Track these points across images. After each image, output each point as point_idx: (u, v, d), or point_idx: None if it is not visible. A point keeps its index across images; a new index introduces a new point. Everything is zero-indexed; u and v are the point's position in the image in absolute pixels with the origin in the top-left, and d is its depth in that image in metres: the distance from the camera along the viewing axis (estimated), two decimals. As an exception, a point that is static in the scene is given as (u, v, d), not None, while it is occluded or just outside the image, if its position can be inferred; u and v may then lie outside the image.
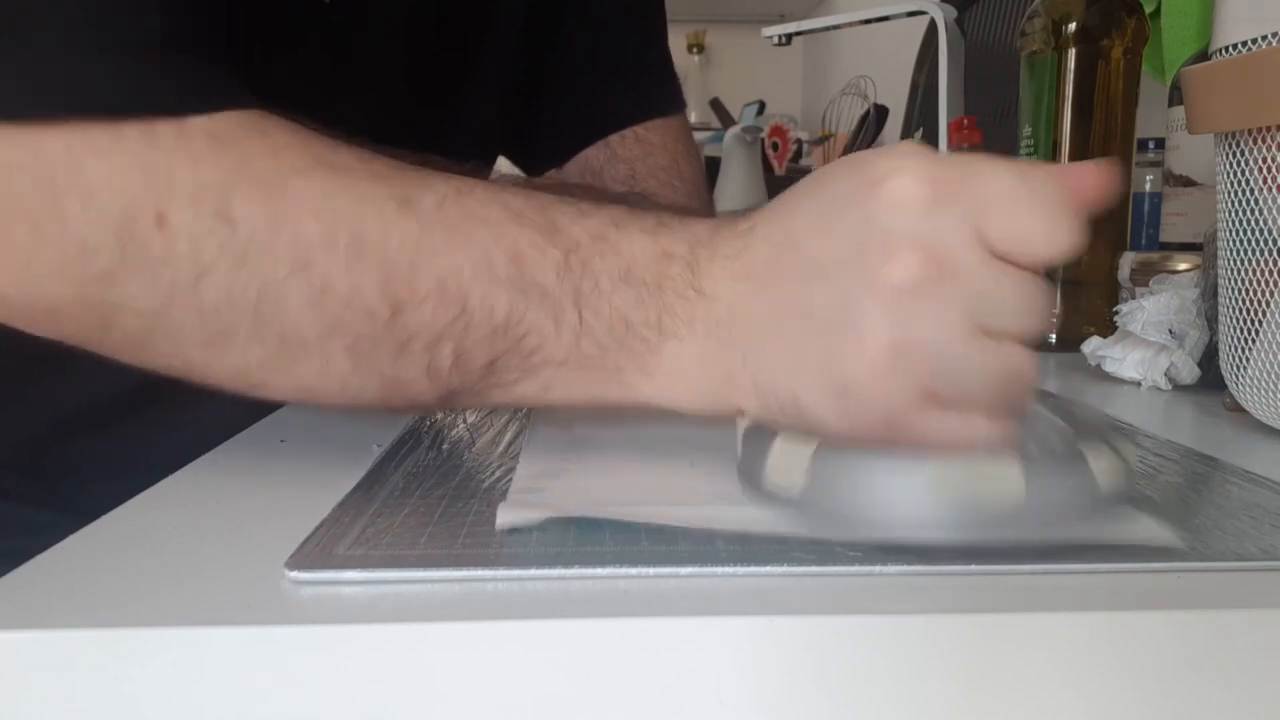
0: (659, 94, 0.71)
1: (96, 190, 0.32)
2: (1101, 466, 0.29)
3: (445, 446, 0.39)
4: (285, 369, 0.34)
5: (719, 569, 0.26)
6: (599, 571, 0.26)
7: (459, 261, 0.33)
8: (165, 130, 0.33)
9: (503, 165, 0.74)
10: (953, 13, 1.23)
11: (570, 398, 0.35)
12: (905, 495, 0.29)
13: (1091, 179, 0.29)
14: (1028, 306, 0.29)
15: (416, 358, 0.34)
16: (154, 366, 0.35)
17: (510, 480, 0.34)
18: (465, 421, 0.44)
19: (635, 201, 0.41)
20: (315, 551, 0.27)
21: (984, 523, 0.28)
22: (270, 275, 0.33)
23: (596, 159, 0.69)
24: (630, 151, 0.68)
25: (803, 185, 0.34)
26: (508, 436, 0.41)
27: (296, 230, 0.33)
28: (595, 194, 0.41)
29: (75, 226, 0.32)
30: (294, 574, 0.26)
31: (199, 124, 0.33)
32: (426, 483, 0.34)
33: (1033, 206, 0.29)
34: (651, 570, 0.26)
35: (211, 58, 0.36)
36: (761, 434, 0.32)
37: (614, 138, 0.68)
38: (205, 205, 0.32)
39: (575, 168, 0.70)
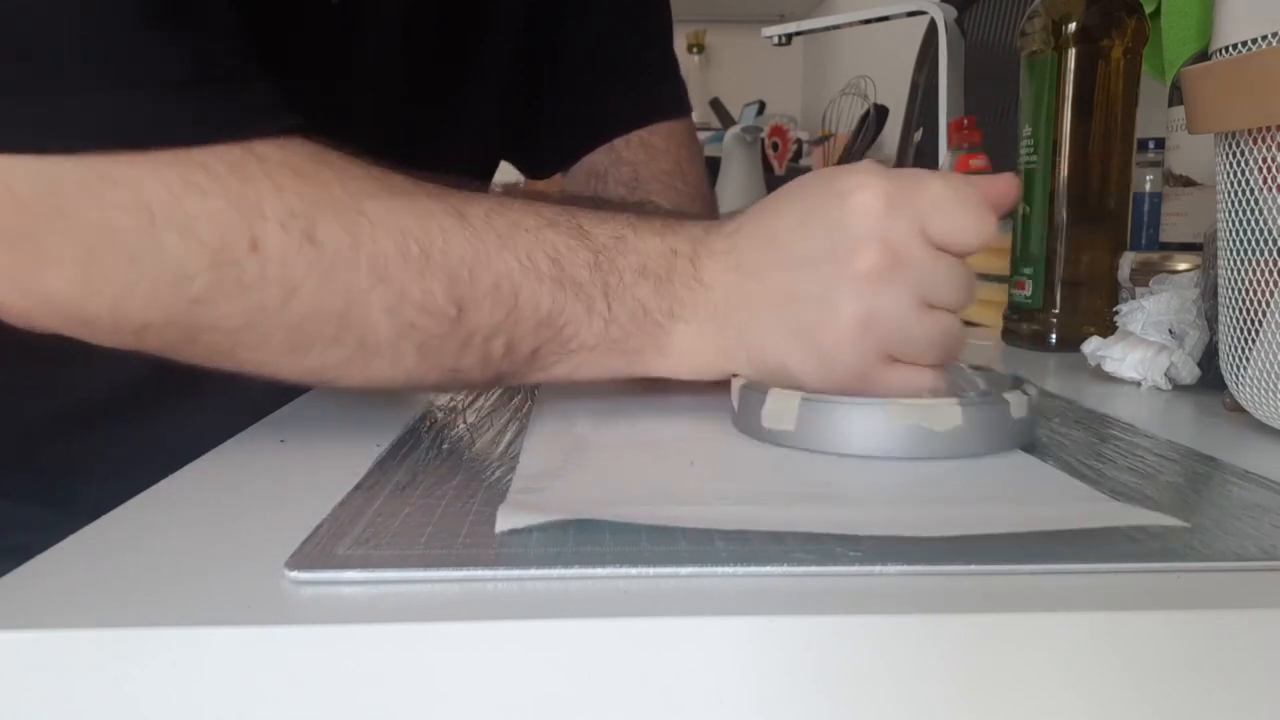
0: (661, 96, 0.71)
1: (194, 223, 0.35)
2: (1016, 403, 0.38)
3: (445, 446, 0.39)
4: (360, 368, 0.38)
5: (719, 569, 0.26)
6: (599, 571, 0.26)
7: (509, 264, 0.38)
8: (249, 163, 0.36)
9: (509, 175, 0.74)
10: (953, 13, 1.24)
11: (596, 375, 0.41)
12: (873, 427, 0.37)
13: (1003, 188, 0.39)
14: (959, 285, 0.38)
15: (475, 351, 0.38)
16: (231, 368, 0.39)
17: (510, 480, 0.34)
18: (465, 422, 0.44)
19: (636, 208, 0.47)
20: (315, 551, 0.27)
21: (931, 444, 0.37)
22: (354, 288, 0.36)
23: (600, 163, 0.69)
24: (634, 155, 0.68)
25: (779, 196, 0.41)
26: (508, 436, 0.41)
27: (374, 247, 0.36)
28: (601, 202, 0.46)
29: (173, 257, 0.35)
30: (294, 574, 0.26)
31: (273, 155, 0.36)
32: (426, 483, 0.34)
33: (962, 209, 0.37)
34: (651, 570, 0.26)
35: (257, 79, 0.38)
36: (753, 392, 0.40)
37: (618, 142, 0.68)
38: (294, 230, 0.35)
39: (580, 172, 0.70)
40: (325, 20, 0.51)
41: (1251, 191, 0.42)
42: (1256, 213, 0.42)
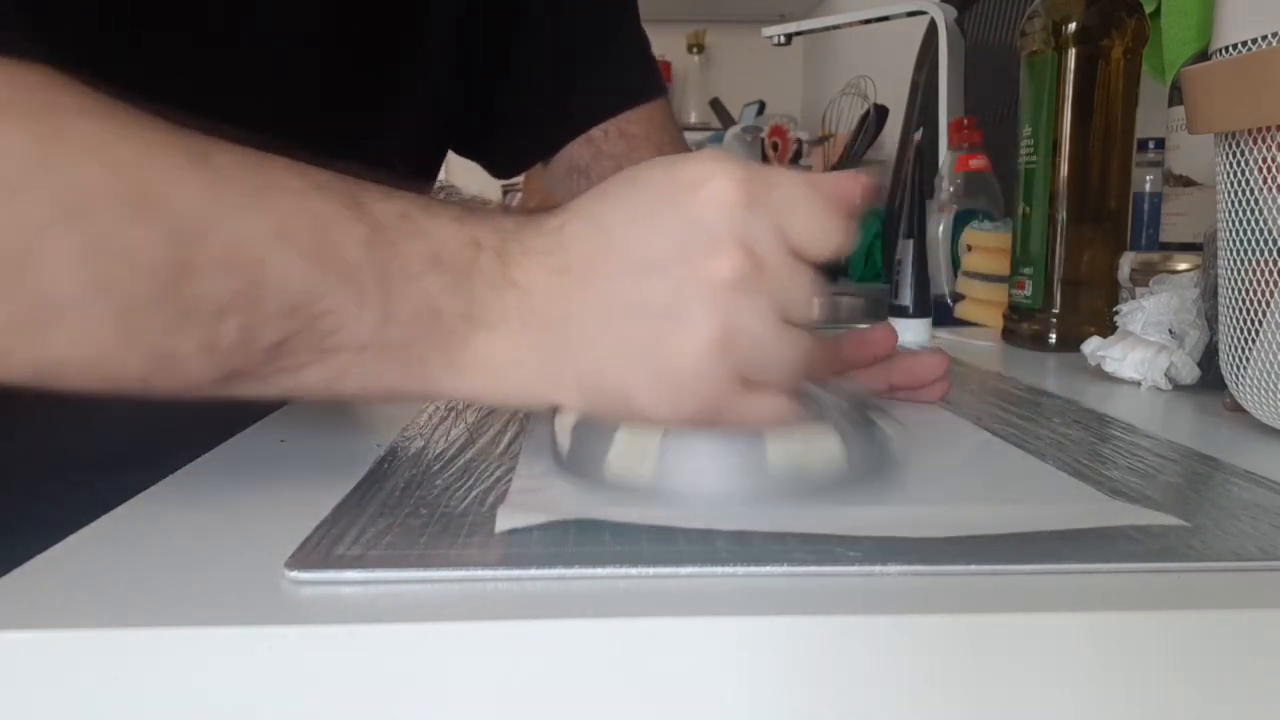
0: (632, 81, 0.68)
1: None
2: (889, 430, 0.36)
3: (445, 446, 0.39)
4: (35, 337, 0.30)
5: (719, 569, 0.26)
6: (599, 571, 0.26)
7: (255, 227, 0.31)
8: None
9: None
10: (953, 13, 1.24)
11: (365, 388, 0.33)
12: (748, 471, 0.32)
13: (849, 186, 0.33)
14: (811, 297, 0.32)
15: (195, 331, 0.31)
16: None
17: (510, 480, 0.34)
18: (465, 422, 0.44)
19: (435, 193, 0.40)
20: (315, 551, 0.27)
21: (811, 482, 0.33)
22: (31, 220, 0.29)
23: (581, 157, 0.67)
24: (615, 147, 0.66)
25: (610, 187, 0.34)
26: (508, 436, 0.41)
27: (70, 172, 0.29)
28: (385, 177, 0.38)
29: None
30: (294, 574, 0.26)
31: None
32: (427, 482, 0.34)
33: (819, 210, 0.32)
34: (651, 570, 0.26)
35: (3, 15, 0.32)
36: (594, 427, 0.34)
37: (596, 133, 0.66)
38: None
39: (561, 166, 0.68)
40: (225, 35, 0.47)
41: (1251, 191, 0.42)
42: (1256, 213, 0.42)
